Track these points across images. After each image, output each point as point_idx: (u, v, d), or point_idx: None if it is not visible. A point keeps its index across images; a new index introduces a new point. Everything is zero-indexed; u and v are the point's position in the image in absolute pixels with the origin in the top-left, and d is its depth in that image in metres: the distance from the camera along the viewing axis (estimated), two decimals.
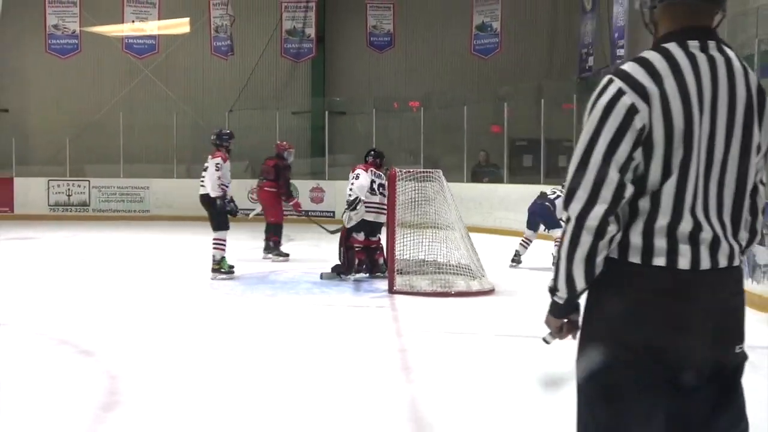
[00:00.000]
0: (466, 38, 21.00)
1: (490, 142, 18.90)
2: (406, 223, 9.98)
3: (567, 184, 2.27)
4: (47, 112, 22.72)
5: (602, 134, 2.21)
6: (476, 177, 18.56)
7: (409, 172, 10.35)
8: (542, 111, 16.80)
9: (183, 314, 8.19)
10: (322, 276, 10.41)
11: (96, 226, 18.54)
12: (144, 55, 22.32)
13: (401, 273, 9.50)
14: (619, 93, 2.20)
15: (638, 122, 2.18)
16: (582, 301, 2.38)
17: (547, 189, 11.83)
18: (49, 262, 12.19)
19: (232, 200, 10.51)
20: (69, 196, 21.11)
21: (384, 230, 10.13)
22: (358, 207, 10.17)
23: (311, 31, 21.72)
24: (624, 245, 2.27)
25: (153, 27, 21.91)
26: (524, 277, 10.76)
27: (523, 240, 11.84)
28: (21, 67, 22.90)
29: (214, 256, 10.39)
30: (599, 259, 2.26)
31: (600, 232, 2.21)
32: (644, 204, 2.24)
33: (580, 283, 2.30)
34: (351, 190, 10.28)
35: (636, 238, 2.25)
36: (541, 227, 11.54)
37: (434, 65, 22.22)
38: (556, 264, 2.34)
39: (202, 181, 10.50)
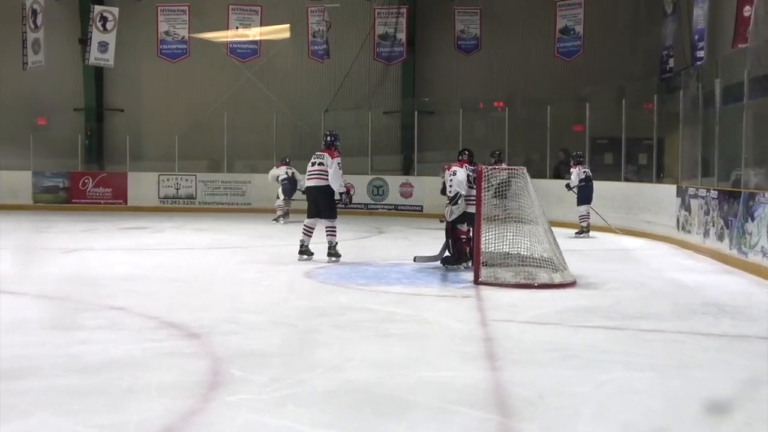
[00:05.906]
0: (550, 41, 20.70)
1: (572, 140, 18.61)
2: (491, 217, 9.87)
3: None
4: (158, 112, 23.28)
5: None
6: (558, 174, 18.34)
7: (494, 169, 10.25)
8: (623, 111, 16.45)
9: (281, 300, 8.24)
10: (415, 259, 10.76)
11: (201, 218, 18.88)
12: (247, 59, 22.60)
13: (486, 265, 9.40)
14: None
15: None
16: None
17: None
18: (159, 250, 12.43)
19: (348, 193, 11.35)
20: (177, 189, 21.58)
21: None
22: (459, 201, 10.20)
23: (402, 36, 21.74)
24: None
25: (255, 33, 22.18)
26: (605, 270, 10.54)
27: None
28: (135, 70, 23.52)
29: (330, 242, 11.02)
30: None
31: None
32: None
33: None
34: (451, 186, 10.33)
35: None
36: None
37: (518, 67, 22.06)
38: None
39: (313, 175, 10.92)
